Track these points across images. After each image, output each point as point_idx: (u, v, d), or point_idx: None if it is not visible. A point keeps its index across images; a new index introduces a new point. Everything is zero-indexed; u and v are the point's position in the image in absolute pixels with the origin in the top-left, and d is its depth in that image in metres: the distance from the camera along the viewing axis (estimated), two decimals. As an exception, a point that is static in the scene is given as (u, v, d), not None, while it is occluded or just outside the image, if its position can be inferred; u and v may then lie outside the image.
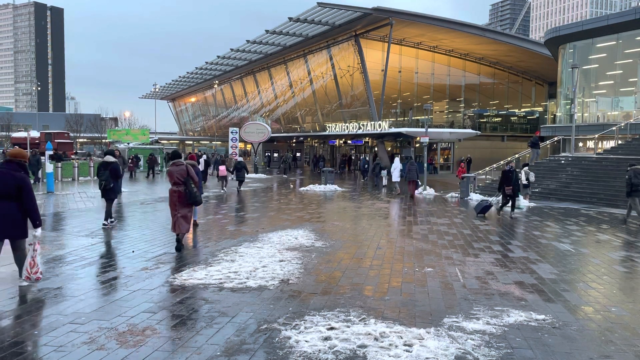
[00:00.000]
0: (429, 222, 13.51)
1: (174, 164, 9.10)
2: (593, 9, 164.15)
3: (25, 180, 6.34)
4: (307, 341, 4.84)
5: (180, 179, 8.93)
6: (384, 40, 41.43)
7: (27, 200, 6.27)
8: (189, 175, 8.94)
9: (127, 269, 7.66)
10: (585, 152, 28.03)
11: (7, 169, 6.35)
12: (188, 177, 8.93)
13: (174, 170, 9.00)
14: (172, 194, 9.07)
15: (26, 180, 6.35)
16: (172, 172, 8.99)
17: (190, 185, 8.91)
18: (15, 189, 6.22)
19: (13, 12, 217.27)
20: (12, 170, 6.34)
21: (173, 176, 8.97)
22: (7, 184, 6.21)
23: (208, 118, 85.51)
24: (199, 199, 9.16)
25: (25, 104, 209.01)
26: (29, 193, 6.28)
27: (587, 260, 9.21)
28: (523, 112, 51.84)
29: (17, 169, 6.41)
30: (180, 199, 8.96)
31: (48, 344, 4.71)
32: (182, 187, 8.94)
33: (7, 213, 6.20)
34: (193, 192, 8.92)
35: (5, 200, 6.20)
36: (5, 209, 6.19)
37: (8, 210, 6.20)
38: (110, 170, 11.40)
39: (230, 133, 42.63)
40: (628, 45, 30.53)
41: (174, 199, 9.00)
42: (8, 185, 6.20)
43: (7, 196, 6.20)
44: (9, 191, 6.20)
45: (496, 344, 4.91)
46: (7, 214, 6.20)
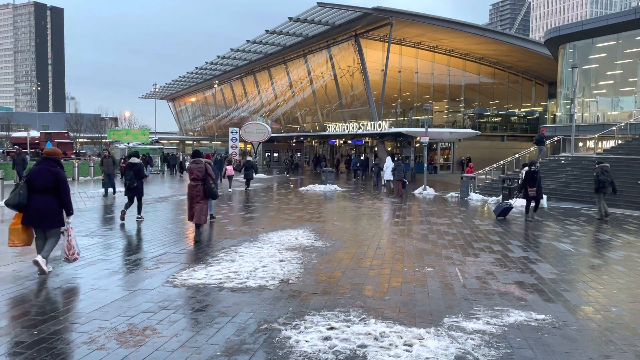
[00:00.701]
0: (429, 222, 13.51)
1: (194, 162, 10.05)
2: (593, 9, 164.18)
3: (61, 174, 6.98)
4: (307, 341, 4.84)
5: (199, 175, 9.89)
6: (384, 40, 41.44)
7: (63, 192, 6.97)
8: (207, 172, 9.93)
9: (127, 268, 7.66)
10: (585, 152, 28.04)
11: (44, 165, 6.95)
12: (206, 174, 9.93)
13: (193, 167, 9.97)
14: (191, 188, 10.00)
15: (62, 175, 6.99)
16: (192, 169, 9.98)
17: (208, 181, 9.91)
18: (53, 183, 6.86)
19: (13, 12, 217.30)
20: (50, 167, 6.96)
21: (193, 172, 9.94)
22: (46, 178, 6.83)
23: (208, 118, 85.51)
24: (214, 193, 10.13)
25: (25, 104, 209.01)
26: (65, 186, 6.99)
27: (587, 260, 9.21)
28: (523, 112, 51.85)
29: (53, 165, 7.02)
30: (198, 192, 9.90)
31: (48, 343, 4.71)
32: (201, 182, 9.88)
33: (46, 205, 6.83)
34: (210, 187, 9.92)
35: (44, 193, 6.83)
36: (45, 201, 6.82)
37: (47, 203, 6.84)
38: (134, 170, 12.30)
39: (230, 133, 42.67)
40: (628, 45, 30.54)
41: (193, 192, 9.94)
42: (47, 180, 6.83)
43: (46, 190, 6.83)
44: (48, 185, 6.83)
45: (496, 344, 4.91)
46: (47, 207, 6.84)
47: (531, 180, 14.42)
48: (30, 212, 6.85)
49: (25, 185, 6.89)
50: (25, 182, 6.94)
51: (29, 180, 6.93)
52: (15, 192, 6.87)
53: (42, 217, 6.87)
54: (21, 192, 6.81)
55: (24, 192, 6.81)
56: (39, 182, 6.85)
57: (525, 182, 14.61)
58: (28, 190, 6.84)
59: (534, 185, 14.37)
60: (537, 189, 14.41)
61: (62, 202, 7.00)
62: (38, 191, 6.85)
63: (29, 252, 8.63)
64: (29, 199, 6.83)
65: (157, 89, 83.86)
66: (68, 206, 7.09)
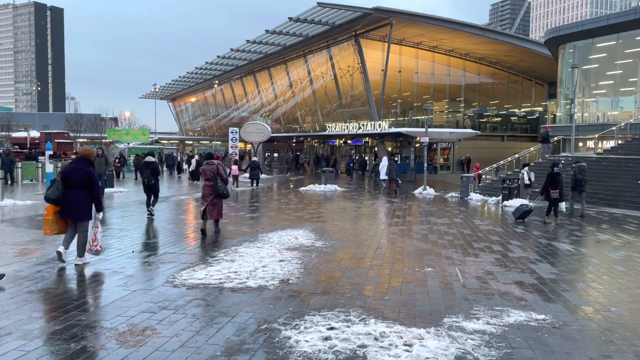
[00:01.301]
0: (429, 222, 13.51)
1: (207, 163, 10.97)
2: (593, 9, 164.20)
3: (93, 173, 7.74)
4: (307, 341, 4.84)
5: (211, 175, 10.74)
6: (384, 40, 41.43)
7: (94, 189, 7.69)
8: (217, 173, 10.76)
9: (127, 268, 7.66)
10: (585, 152, 28.04)
11: (79, 164, 7.71)
12: (217, 174, 10.76)
13: (207, 168, 10.84)
14: (205, 188, 10.89)
15: (94, 174, 7.76)
16: (205, 170, 10.85)
17: (217, 181, 10.70)
18: (85, 181, 7.61)
19: (13, 12, 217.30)
20: (83, 166, 7.71)
21: (206, 173, 10.81)
22: (80, 176, 7.60)
23: (208, 118, 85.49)
24: (223, 191, 10.79)
25: (25, 104, 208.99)
26: (96, 184, 7.73)
27: (587, 260, 9.21)
28: (523, 112, 51.85)
29: (86, 164, 7.76)
30: (211, 192, 10.77)
31: (47, 344, 4.71)
32: (212, 181, 10.74)
33: (79, 200, 7.59)
34: (217, 186, 10.68)
35: (77, 189, 7.58)
36: (78, 196, 7.58)
37: (80, 197, 7.59)
38: (150, 169, 13.28)
39: (230, 133, 42.64)
40: (628, 45, 30.54)
41: (206, 191, 10.82)
42: (80, 177, 7.59)
43: (79, 186, 7.58)
44: (81, 182, 7.58)
45: (496, 344, 4.91)
46: (79, 201, 7.60)
47: (554, 182, 13.99)
48: (65, 206, 7.60)
49: (60, 181, 7.62)
50: (61, 178, 7.67)
51: (64, 177, 7.65)
52: (54, 188, 7.57)
53: (76, 210, 7.63)
54: (59, 187, 7.54)
55: (61, 187, 7.55)
56: (73, 179, 7.59)
57: (548, 184, 14.13)
58: (63, 186, 7.57)
59: (556, 187, 13.95)
60: (560, 191, 14.01)
61: (93, 198, 7.72)
62: (72, 187, 7.57)
63: (29, 253, 8.64)
64: (63, 194, 7.55)
65: (157, 89, 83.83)
66: (98, 202, 7.79)
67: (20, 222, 12.13)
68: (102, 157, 19.03)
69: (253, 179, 23.63)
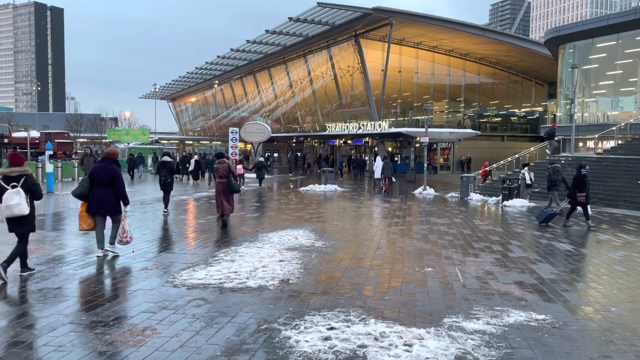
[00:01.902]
0: (429, 222, 13.51)
1: (219, 162, 11.84)
2: (593, 9, 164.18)
3: (117, 171, 8.35)
4: (307, 341, 4.84)
5: (224, 173, 11.61)
6: (384, 40, 41.44)
7: (118, 186, 8.28)
8: (230, 171, 11.63)
9: (127, 268, 7.66)
10: (585, 152, 28.03)
11: (104, 164, 8.35)
12: (229, 172, 11.63)
13: (219, 167, 11.71)
14: (218, 185, 11.79)
15: (118, 172, 8.36)
16: (218, 169, 11.72)
17: (230, 179, 11.61)
18: (110, 178, 8.21)
19: (13, 12, 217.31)
20: (108, 165, 8.34)
21: (219, 171, 11.67)
22: (105, 174, 8.21)
23: (208, 118, 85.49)
24: (235, 188, 11.69)
25: (25, 104, 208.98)
26: (120, 181, 8.31)
27: (587, 260, 9.21)
28: (523, 112, 51.85)
29: (111, 163, 8.39)
30: (224, 188, 11.64)
31: (48, 344, 4.71)
32: (225, 179, 11.58)
33: (106, 196, 8.19)
34: (232, 183, 11.63)
35: (103, 186, 8.19)
36: (104, 193, 8.19)
37: (106, 194, 8.20)
38: (167, 168, 14.22)
39: (230, 133, 42.60)
40: (628, 45, 30.53)
41: (219, 188, 11.70)
42: (106, 176, 8.21)
43: (105, 183, 8.20)
44: (106, 180, 8.20)
45: (496, 344, 4.91)
46: (106, 197, 8.20)
47: (581, 184, 13.20)
48: (92, 202, 8.21)
49: (88, 179, 8.28)
50: (88, 177, 8.33)
51: (91, 176, 8.29)
52: (80, 185, 8.29)
53: (101, 205, 8.23)
54: (84, 185, 8.21)
55: (86, 184, 8.21)
56: (99, 177, 8.22)
57: (575, 187, 13.33)
58: (90, 183, 8.20)
59: (583, 189, 13.20)
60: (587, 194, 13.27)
61: (118, 194, 8.30)
62: (98, 184, 8.21)
63: (30, 253, 8.62)
64: (90, 190, 8.18)
65: (157, 89, 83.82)
66: (124, 197, 8.39)
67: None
68: (91, 156, 18.53)
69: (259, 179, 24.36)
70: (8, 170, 6.87)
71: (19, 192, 6.72)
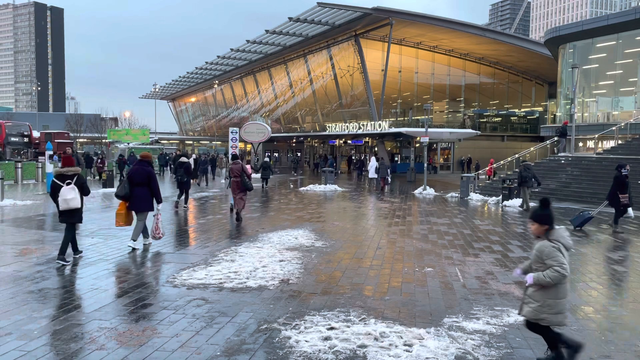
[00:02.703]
0: (429, 222, 13.51)
1: (233, 163, 13.15)
2: (593, 9, 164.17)
3: (152, 172, 9.25)
4: (307, 341, 4.84)
5: (238, 173, 12.91)
6: (384, 40, 41.44)
7: (153, 186, 9.17)
8: (243, 171, 12.94)
9: (128, 269, 7.66)
10: (585, 152, 28.03)
11: (140, 166, 9.24)
12: (243, 172, 12.93)
13: (234, 167, 13.04)
14: (232, 183, 13.13)
15: (153, 173, 9.28)
16: (233, 169, 13.05)
17: (244, 178, 12.92)
18: (146, 179, 9.10)
19: (13, 12, 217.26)
20: (144, 166, 9.22)
21: (234, 171, 12.99)
22: (142, 175, 9.10)
23: (208, 118, 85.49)
24: (249, 186, 13.01)
25: (25, 104, 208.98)
26: (155, 181, 9.22)
27: (587, 260, 9.21)
28: (523, 112, 51.85)
29: (146, 165, 9.29)
30: (238, 186, 12.95)
31: (48, 344, 4.71)
32: (239, 178, 12.88)
33: (143, 195, 9.10)
34: (245, 182, 12.93)
35: (141, 186, 9.07)
36: (142, 192, 9.08)
37: (143, 193, 9.10)
38: (184, 168, 15.52)
39: (230, 133, 42.59)
40: (628, 45, 30.55)
41: (234, 186, 13.04)
42: (142, 176, 9.09)
43: (142, 184, 9.08)
44: (143, 180, 9.08)
45: (496, 344, 4.91)
46: (143, 195, 9.10)
47: (622, 185, 12.21)
48: (133, 200, 9.08)
49: (127, 180, 9.13)
50: (127, 178, 9.19)
51: (130, 177, 9.17)
52: (121, 187, 9.15)
53: (140, 202, 9.11)
54: (125, 186, 9.05)
55: (127, 186, 9.04)
56: (137, 178, 9.09)
57: (616, 188, 12.34)
58: (129, 184, 9.06)
59: (625, 191, 12.20)
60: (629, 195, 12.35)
61: (153, 192, 9.17)
62: (136, 184, 9.08)
63: (29, 253, 8.65)
64: (130, 190, 9.03)
65: (157, 89, 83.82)
66: (158, 196, 9.25)
67: (20, 222, 12.14)
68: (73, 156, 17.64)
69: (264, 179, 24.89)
70: (64, 169, 8.08)
71: (74, 188, 7.92)
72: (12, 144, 36.00)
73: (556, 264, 3.97)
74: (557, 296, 4.12)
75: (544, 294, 4.12)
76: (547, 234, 4.22)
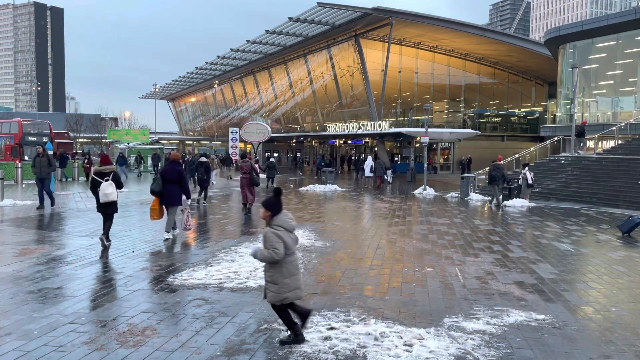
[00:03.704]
0: (429, 222, 13.50)
1: (243, 162, 15.23)
2: (593, 9, 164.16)
3: (182, 171, 10.43)
4: (308, 341, 4.85)
5: (247, 170, 14.89)
6: (384, 40, 41.43)
7: (183, 183, 10.33)
8: (252, 168, 14.84)
9: (127, 269, 7.66)
10: (585, 152, 28.03)
11: (172, 165, 10.37)
12: (251, 169, 14.85)
13: (243, 165, 15.10)
14: (242, 179, 15.00)
15: (183, 172, 10.45)
16: (242, 166, 15.12)
17: (252, 174, 14.81)
18: (177, 177, 10.22)
19: (13, 12, 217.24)
20: (176, 166, 10.36)
21: (243, 168, 15.01)
22: (173, 174, 10.21)
23: (208, 118, 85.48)
24: (258, 182, 15.07)
25: (25, 104, 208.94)
26: (185, 179, 10.43)
27: (587, 260, 9.21)
28: (523, 112, 51.84)
29: (178, 165, 10.46)
30: (247, 182, 14.84)
31: (48, 344, 4.71)
32: (248, 175, 14.82)
33: (174, 191, 10.19)
34: (254, 178, 14.87)
35: (172, 183, 10.16)
36: (173, 188, 10.17)
37: (175, 189, 10.19)
38: (204, 167, 17.10)
39: (230, 133, 42.69)
40: (628, 45, 30.55)
41: (244, 182, 14.91)
42: (173, 175, 10.21)
43: (173, 181, 10.18)
44: (174, 178, 10.20)
45: (496, 344, 4.91)
46: (174, 191, 10.18)
47: None
48: (165, 196, 10.12)
49: (161, 178, 10.20)
50: (160, 176, 10.28)
51: (163, 175, 10.25)
52: (156, 184, 10.16)
53: (171, 198, 10.18)
54: (159, 183, 10.12)
55: (161, 183, 10.11)
56: (169, 177, 10.18)
57: None
58: (162, 181, 10.12)
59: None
60: None
61: (183, 189, 10.29)
62: (168, 182, 10.16)
63: (29, 252, 8.64)
64: (163, 187, 10.10)
65: (157, 89, 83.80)
66: (187, 192, 10.44)
67: (20, 222, 12.13)
68: (44, 156, 14.73)
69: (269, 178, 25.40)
70: (102, 168, 9.31)
71: (112, 184, 9.10)
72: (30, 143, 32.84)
73: (271, 248, 4.55)
74: (290, 274, 4.68)
75: (277, 275, 4.65)
76: (271, 219, 4.68)
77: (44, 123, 37.40)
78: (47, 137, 34.31)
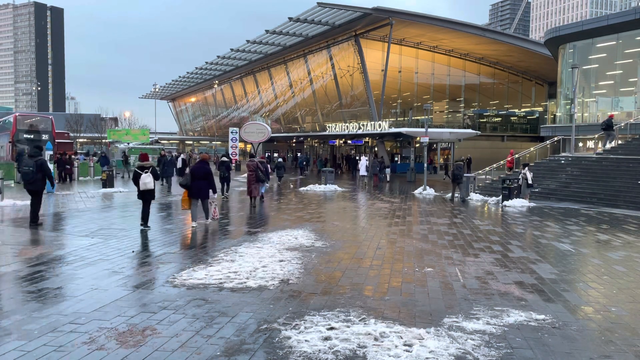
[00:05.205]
0: (429, 222, 13.50)
1: (250, 161, 16.88)
2: (593, 9, 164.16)
3: (210, 170, 12.05)
4: (307, 341, 4.84)
5: (253, 168, 16.38)
6: (384, 40, 41.44)
7: (211, 180, 12.01)
8: (257, 167, 16.45)
9: (127, 268, 7.66)
10: (585, 152, 28.03)
11: (201, 164, 12.10)
12: (257, 167, 16.43)
13: (249, 163, 16.68)
14: (249, 176, 16.60)
15: (210, 170, 12.09)
16: (248, 164, 16.71)
17: (258, 172, 16.43)
18: (205, 174, 11.88)
19: (13, 12, 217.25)
20: (204, 165, 12.06)
21: (249, 166, 16.57)
22: (201, 171, 11.89)
23: (208, 118, 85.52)
24: (263, 178, 16.75)
25: (25, 104, 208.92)
26: (212, 176, 12.07)
27: (587, 260, 9.21)
28: (523, 112, 51.85)
29: (206, 164, 12.20)
30: (253, 178, 16.36)
31: (48, 344, 4.71)
32: (254, 172, 16.32)
33: (203, 186, 11.86)
34: (259, 175, 16.46)
35: (200, 180, 11.79)
36: (203, 184, 11.84)
37: (204, 185, 11.86)
38: (225, 166, 18.95)
39: (230, 133, 42.67)
40: (628, 45, 30.55)
41: (250, 178, 16.44)
42: (201, 172, 11.88)
43: (201, 178, 11.81)
44: (202, 175, 11.85)
45: (496, 344, 4.91)
46: (201, 187, 11.83)
47: None
48: (193, 190, 11.80)
49: (189, 174, 11.84)
50: (190, 173, 11.93)
51: (192, 172, 11.91)
52: (185, 178, 11.87)
53: (199, 192, 11.88)
54: (187, 178, 11.76)
55: (189, 178, 11.74)
56: (198, 173, 11.85)
57: None
58: (191, 177, 11.72)
59: None
60: None
61: (210, 185, 11.97)
62: (197, 178, 11.80)
63: (30, 253, 8.64)
64: (192, 182, 11.70)
65: (157, 89, 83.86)
66: (214, 187, 12.28)
67: (20, 222, 12.13)
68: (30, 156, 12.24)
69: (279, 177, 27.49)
70: (143, 163, 11.46)
71: (149, 175, 11.25)
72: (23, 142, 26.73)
73: None
74: None
75: None
76: None
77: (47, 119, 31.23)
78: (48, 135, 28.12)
